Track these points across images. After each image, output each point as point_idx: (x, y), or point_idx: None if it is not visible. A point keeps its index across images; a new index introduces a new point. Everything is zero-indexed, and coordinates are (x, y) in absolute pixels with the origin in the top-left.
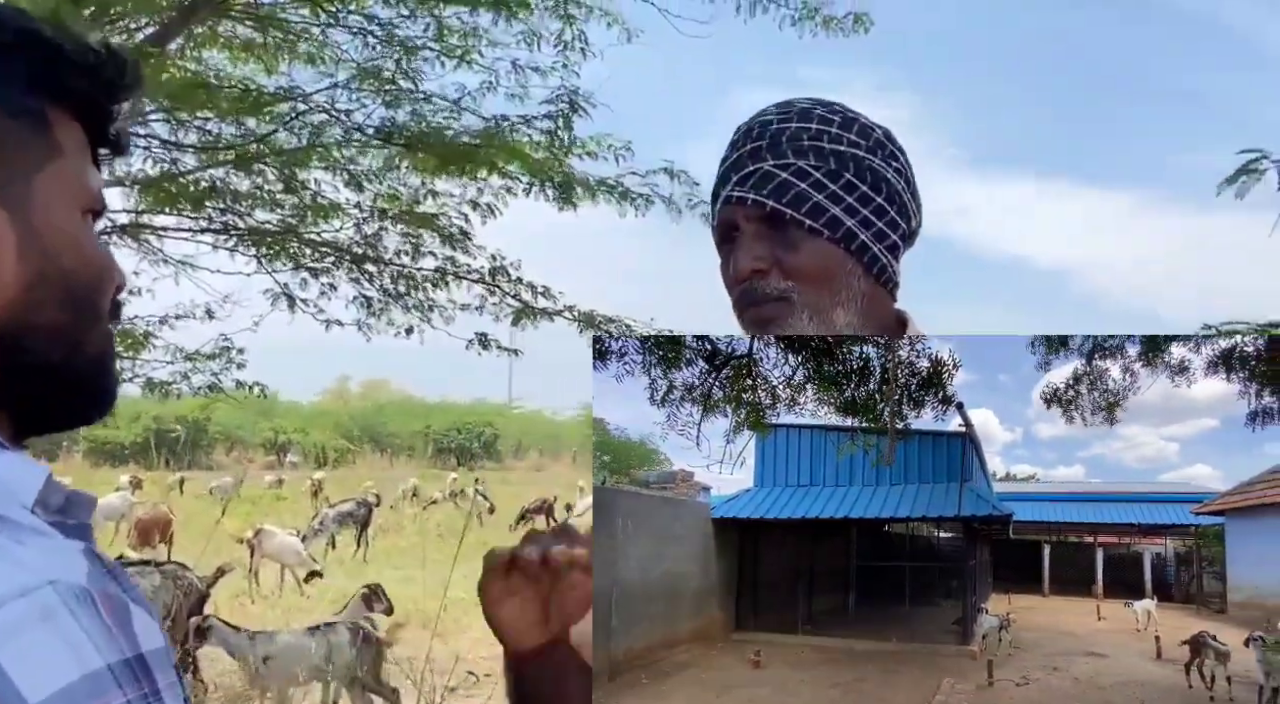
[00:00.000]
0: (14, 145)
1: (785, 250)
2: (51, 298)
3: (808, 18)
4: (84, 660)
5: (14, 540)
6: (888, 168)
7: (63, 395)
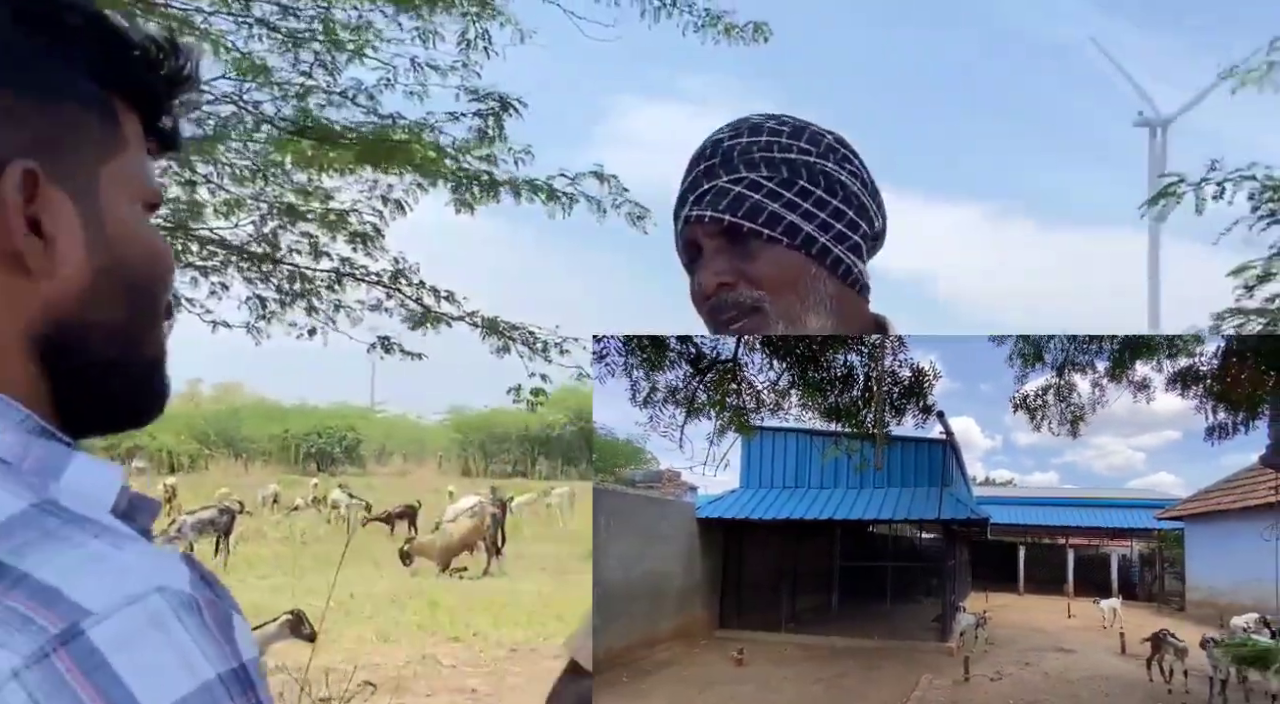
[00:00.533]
0: (84, 135)
1: (746, 262)
2: (114, 294)
3: (710, 25)
4: (196, 670)
5: (113, 546)
6: (841, 171)
7: (118, 397)
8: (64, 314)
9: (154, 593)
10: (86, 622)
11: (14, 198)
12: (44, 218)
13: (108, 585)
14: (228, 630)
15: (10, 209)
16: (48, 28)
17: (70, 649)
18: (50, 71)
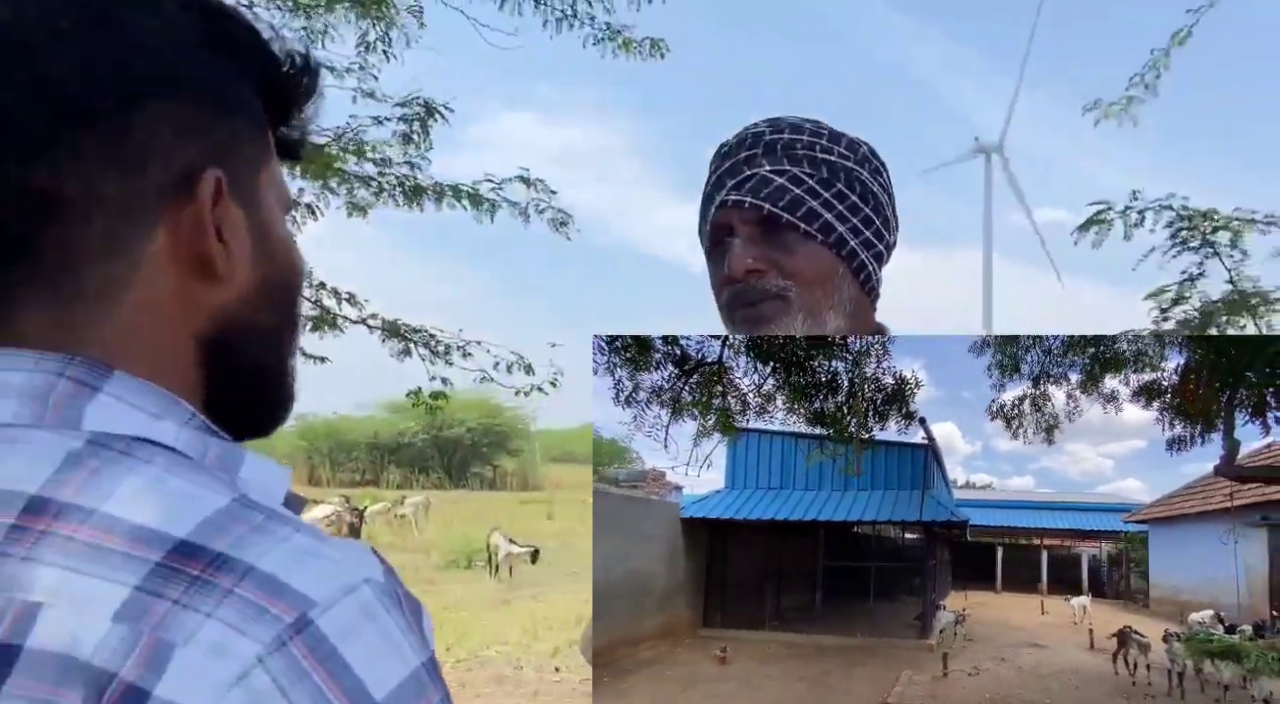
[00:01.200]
0: (250, 146)
1: (781, 252)
2: (271, 300)
3: (609, 39)
4: (406, 659)
5: (317, 539)
6: (874, 181)
7: (262, 400)
8: (231, 318)
9: (363, 584)
10: (313, 611)
11: (206, 205)
12: (224, 225)
13: (325, 577)
14: (419, 620)
15: (204, 215)
16: (227, 47)
17: (304, 637)
18: (228, 86)
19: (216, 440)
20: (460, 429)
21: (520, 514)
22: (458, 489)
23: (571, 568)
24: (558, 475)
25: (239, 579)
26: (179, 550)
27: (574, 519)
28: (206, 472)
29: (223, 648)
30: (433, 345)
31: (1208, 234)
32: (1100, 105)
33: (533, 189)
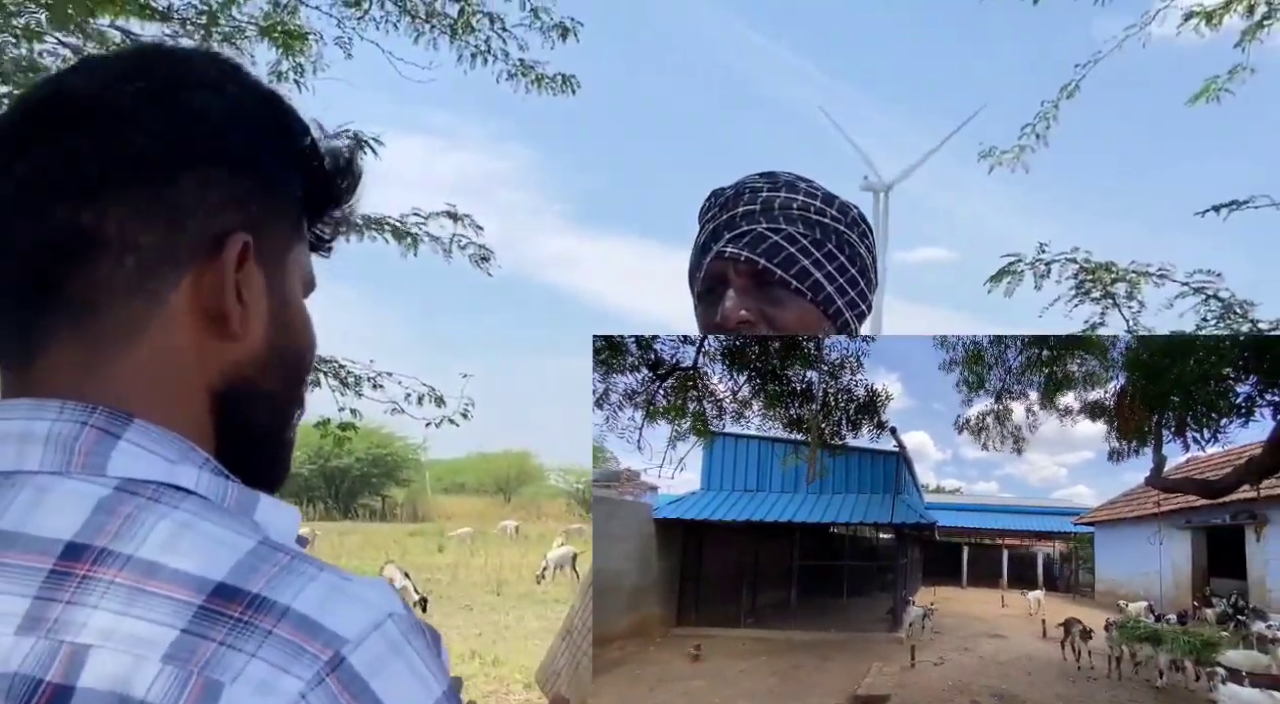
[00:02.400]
0: (285, 224)
1: (771, 306)
2: (281, 368)
3: (522, 74)
4: (430, 689)
5: (342, 577)
6: (860, 244)
7: (262, 464)
8: (241, 376)
9: (388, 619)
10: (346, 649)
11: (231, 265)
12: (245, 287)
13: (354, 615)
14: (438, 649)
15: (227, 274)
16: (279, 135)
17: (339, 674)
18: (275, 167)
19: (232, 484)
20: (349, 459)
21: (410, 546)
22: (346, 520)
23: (463, 602)
24: (448, 506)
25: (277, 620)
26: (219, 593)
27: (465, 552)
28: (230, 514)
29: (268, 685)
30: (343, 376)
31: (1108, 285)
32: (994, 152)
33: (459, 224)
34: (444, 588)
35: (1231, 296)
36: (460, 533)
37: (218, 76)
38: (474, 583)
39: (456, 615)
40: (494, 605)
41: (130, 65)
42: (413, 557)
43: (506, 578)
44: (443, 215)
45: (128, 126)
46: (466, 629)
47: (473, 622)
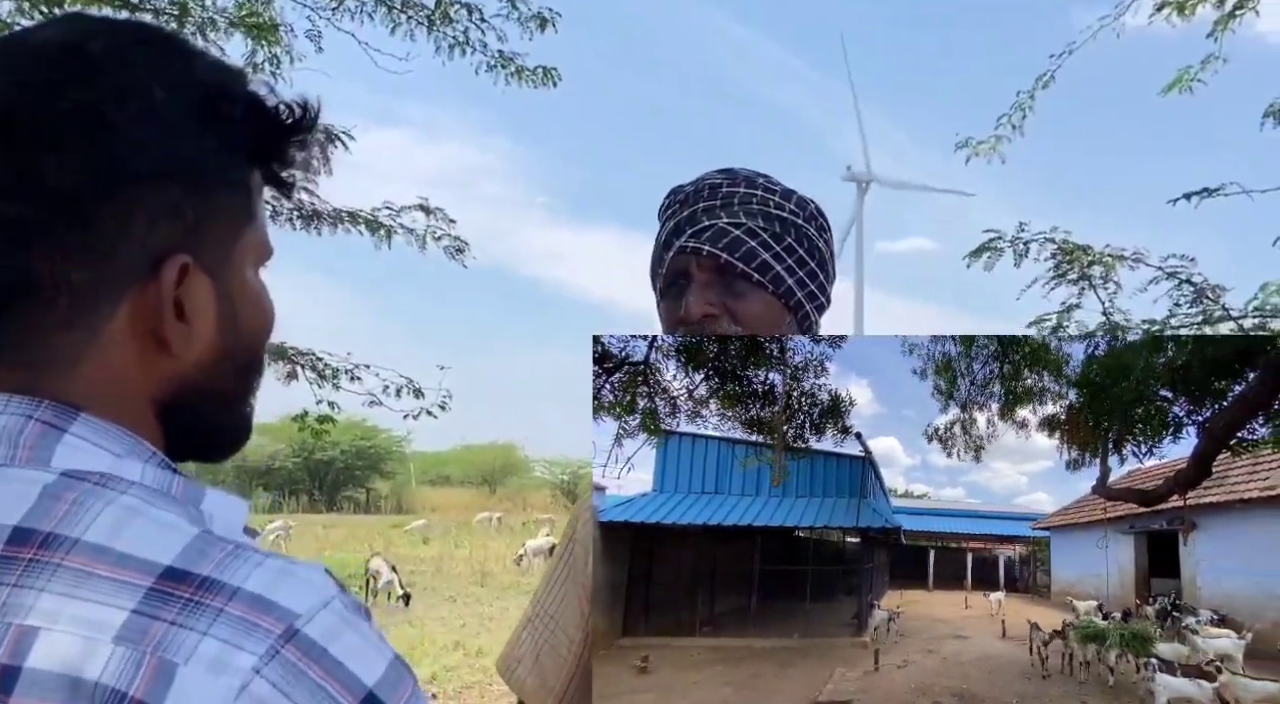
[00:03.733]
0: (227, 218)
1: (733, 299)
2: (233, 366)
3: (502, 66)
4: (382, 654)
5: (288, 562)
6: (819, 238)
7: (216, 447)
8: (187, 385)
9: (335, 598)
10: (299, 622)
11: (169, 287)
12: (187, 303)
13: (303, 593)
14: (380, 630)
15: (165, 296)
16: (214, 124)
17: (295, 643)
18: (210, 166)
19: (178, 477)
20: (333, 451)
21: (394, 538)
22: (330, 513)
23: (447, 593)
24: (433, 498)
25: (228, 599)
26: (169, 575)
27: (449, 543)
28: (177, 503)
29: (222, 662)
30: (320, 368)
31: (1085, 267)
32: (970, 143)
33: (432, 217)
34: (428, 579)
35: (1204, 282)
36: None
37: (145, 74)
38: (458, 574)
39: (441, 607)
40: (478, 597)
41: (54, 70)
42: (397, 548)
43: (491, 569)
44: (415, 209)
45: (47, 161)
46: (451, 620)
47: (457, 613)
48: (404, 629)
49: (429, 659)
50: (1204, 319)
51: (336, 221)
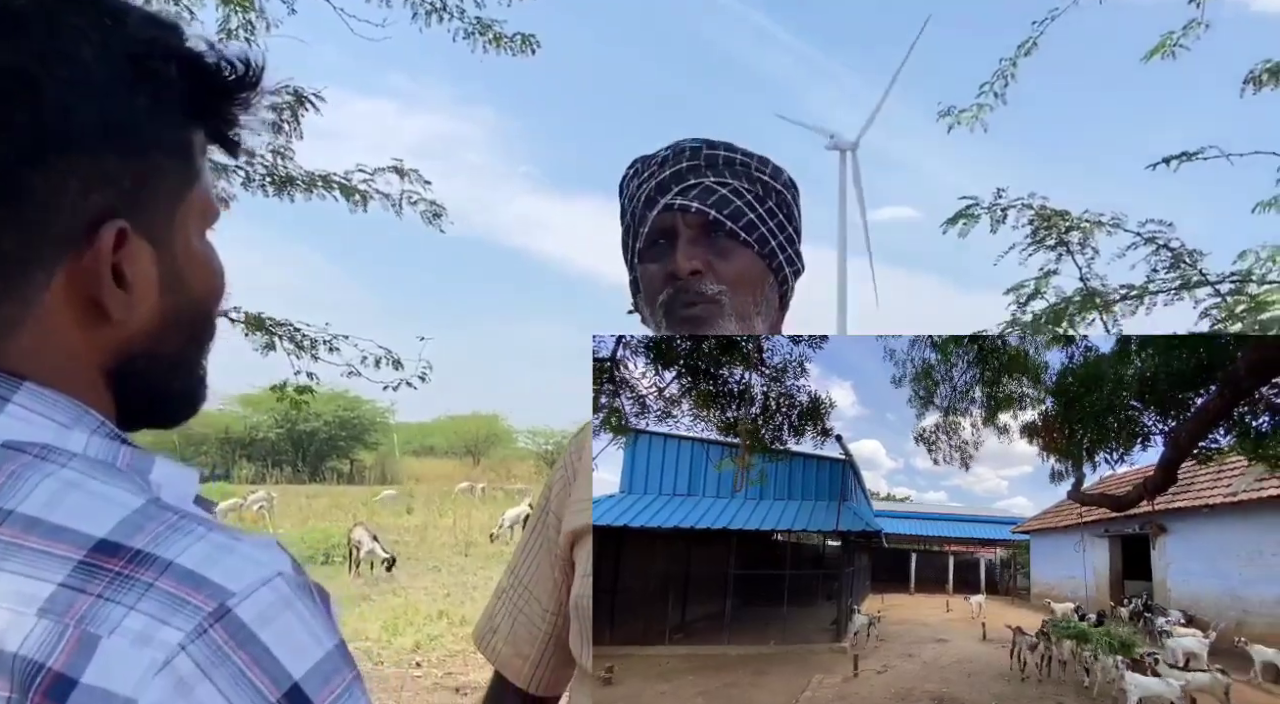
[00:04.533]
0: (166, 181)
1: (719, 257)
2: (179, 329)
3: (479, 33)
4: (321, 641)
5: (231, 537)
6: (795, 205)
7: (168, 411)
8: (133, 352)
9: (277, 576)
10: (231, 601)
11: (106, 253)
12: (126, 268)
13: (241, 570)
14: (328, 608)
15: (100, 265)
16: (148, 84)
17: (224, 624)
18: (145, 127)
19: (126, 447)
20: (316, 422)
21: (378, 508)
22: (314, 483)
23: (431, 563)
24: (416, 469)
25: (159, 574)
26: (100, 548)
27: (433, 513)
28: (121, 475)
29: (146, 637)
30: (298, 339)
31: (1063, 233)
32: (953, 112)
33: (406, 180)
34: (412, 549)
35: (1181, 246)
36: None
37: (74, 34)
38: (442, 544)
39: (425, 576)
40: (462, 566)
41: None
42: (380, 518)
43: (475, 539)
44: (389, 171)
45: None
46: (434, 589)
47: (440, 582)
48: (389, 599)
49: (413, 628)
50: (1182, 284)
51: (310, 186)
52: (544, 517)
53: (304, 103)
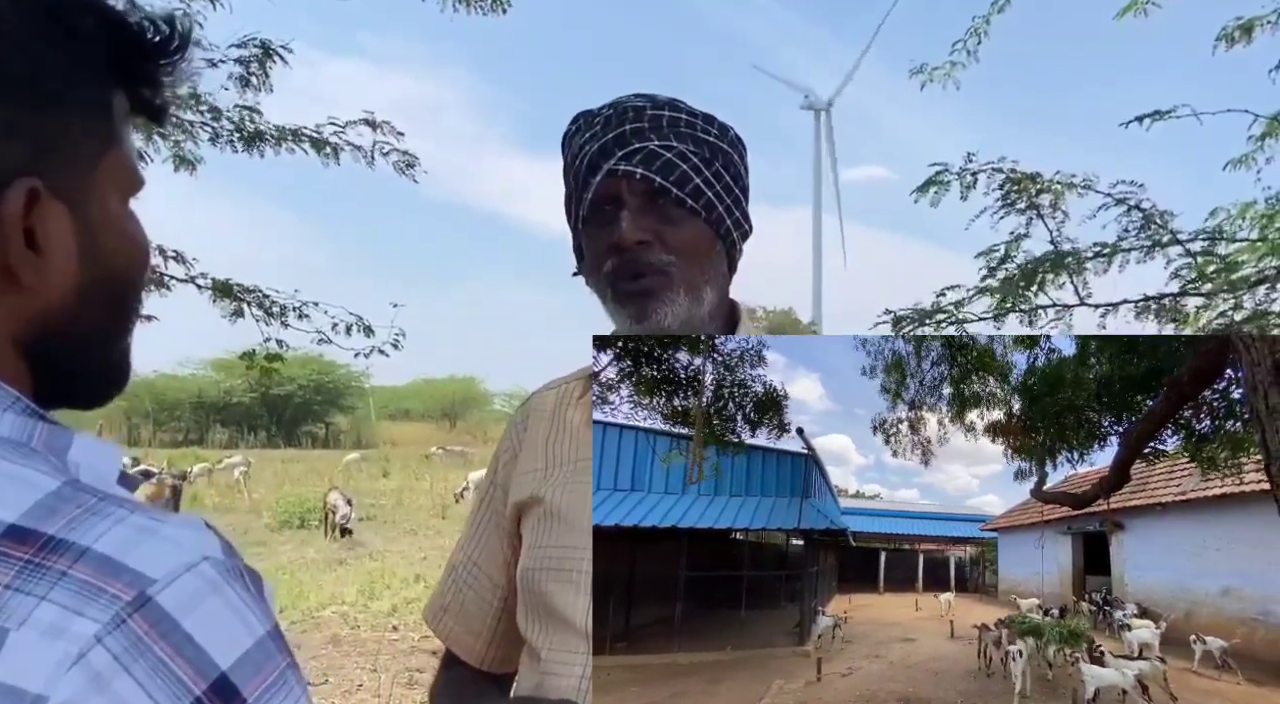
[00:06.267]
0: (82, 140)
1: (666, 226)
2: (101, 301)
3: None
4: (252, 629)
5: (154, 519)
6: (741, 165)
7: (89, 388)
8: (51, 323)
9: (203, 561)
10: (152, 588)
11: (14, 215)
12: (39, 231)
13: (164, 555)
14: (261, 592)
15: (8, 226)
16: (61, 36)
17: (144, 613)
18: (57, 81)
19: (42, 424)
20: (291, 386)
21: (354, 472)
22: (289, 448)
23: (408, 526)
24: (392, 432)
25: (74, 561)
26: (9, 535)
27: (409, 476)
28: (36, 455)
29: (59, 629)
30: (267, 306)
31: (1033, 196)
32: (925, 69)
33: (378, 131)
34: (388, 512)
35: (1153, 207)
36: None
37: None
38: (419, 507)
39: (401, 539)
40: (439, 529)
41: None
42: (357, 482)
43: (451, 502)
44: (361, 123)
45: None
46: (411, 553)
47: (417, 546)
48: (365, 562)
49: (390, 592)
50: (1152, 244)
51: (280, 140)
52: (491, 490)
53: (271, 56)
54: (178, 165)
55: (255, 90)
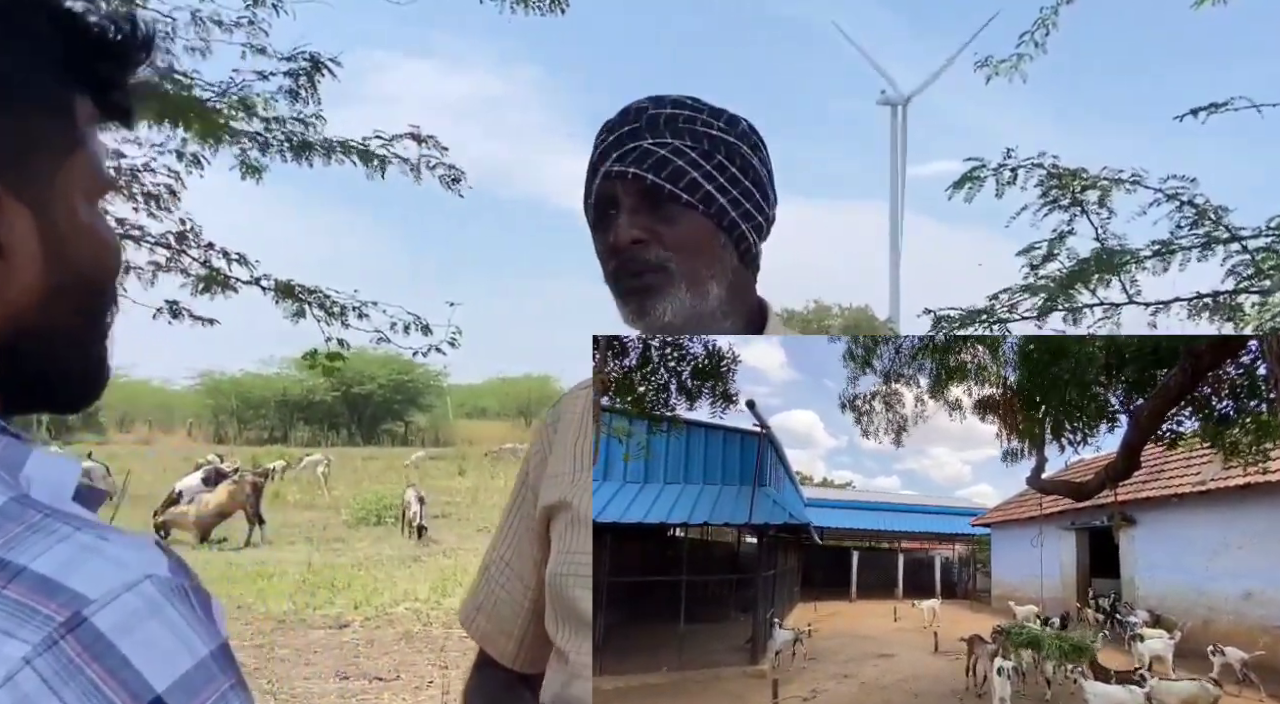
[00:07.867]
0: (44, 141)
1: (663, 224)
2: (69, 305)
3: None
4: (193, 650)
5: (99, 537)
6: (754, 155)
7: (64, 393)
8: (17, 330)
9: (145, 580)
10: (88, 609)
11: None
12: (1, 233)
13: (103, 574)
14: (209, 611)
15: None
16: (17, 34)
17: (77, 635)
18: (15, 80)
19: (4, 437)
20: (371, 386)
21: (431, 470)
22: (369, 446)
23: (482, 524)
24: (469, 431)
25: (8, 581)
26: None
27: (485, 475)
28: None
29: None
30: (328, 306)
31: (1077, 192)
32: (991, 62)
33: (424, 145)
34: (463, 510)
35: (1206, 202)
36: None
37: None
38: (493, 505)
39: (474, 537)
40: None
41: None
42: (433, 480)
43: None
44: (406, 137)
45: None
46: (483, 550)
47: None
48: (438, 560)
49: (462, 590)
50: (1206, 241)
51: (329, 152)
52: (523, 492)
53: (320, 68)
54: (244, 174)
55: (304, 102)
